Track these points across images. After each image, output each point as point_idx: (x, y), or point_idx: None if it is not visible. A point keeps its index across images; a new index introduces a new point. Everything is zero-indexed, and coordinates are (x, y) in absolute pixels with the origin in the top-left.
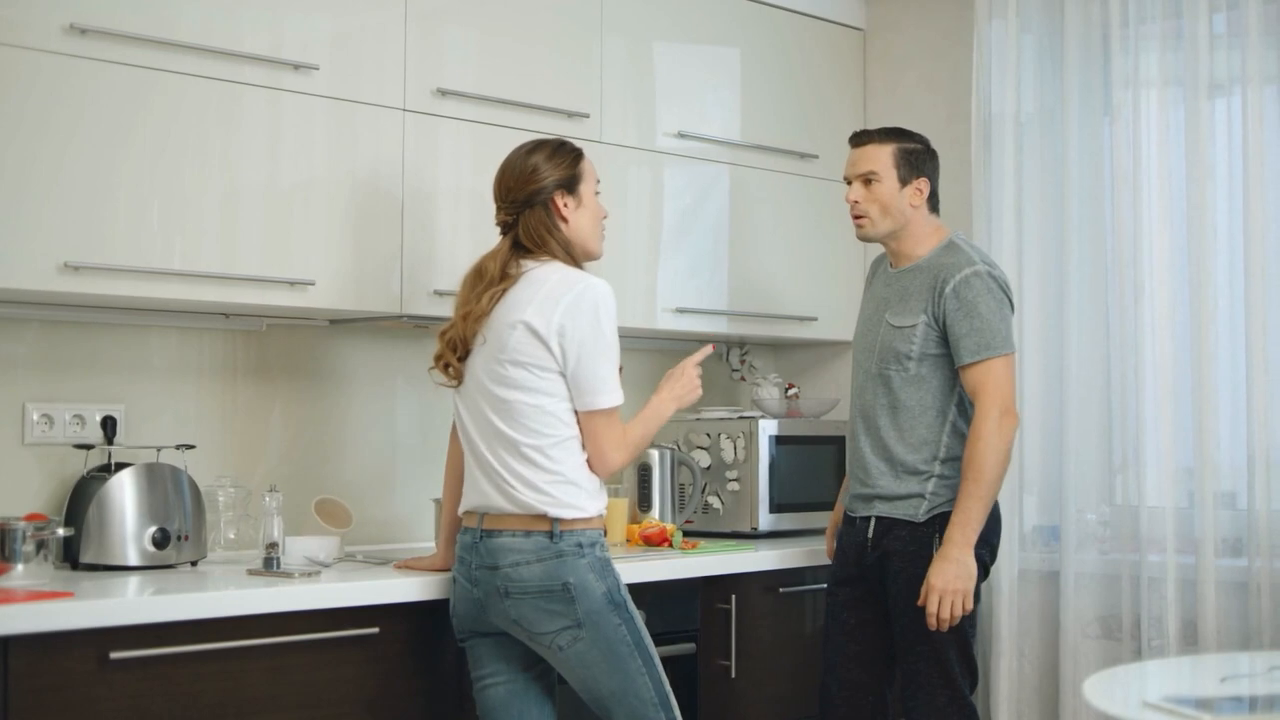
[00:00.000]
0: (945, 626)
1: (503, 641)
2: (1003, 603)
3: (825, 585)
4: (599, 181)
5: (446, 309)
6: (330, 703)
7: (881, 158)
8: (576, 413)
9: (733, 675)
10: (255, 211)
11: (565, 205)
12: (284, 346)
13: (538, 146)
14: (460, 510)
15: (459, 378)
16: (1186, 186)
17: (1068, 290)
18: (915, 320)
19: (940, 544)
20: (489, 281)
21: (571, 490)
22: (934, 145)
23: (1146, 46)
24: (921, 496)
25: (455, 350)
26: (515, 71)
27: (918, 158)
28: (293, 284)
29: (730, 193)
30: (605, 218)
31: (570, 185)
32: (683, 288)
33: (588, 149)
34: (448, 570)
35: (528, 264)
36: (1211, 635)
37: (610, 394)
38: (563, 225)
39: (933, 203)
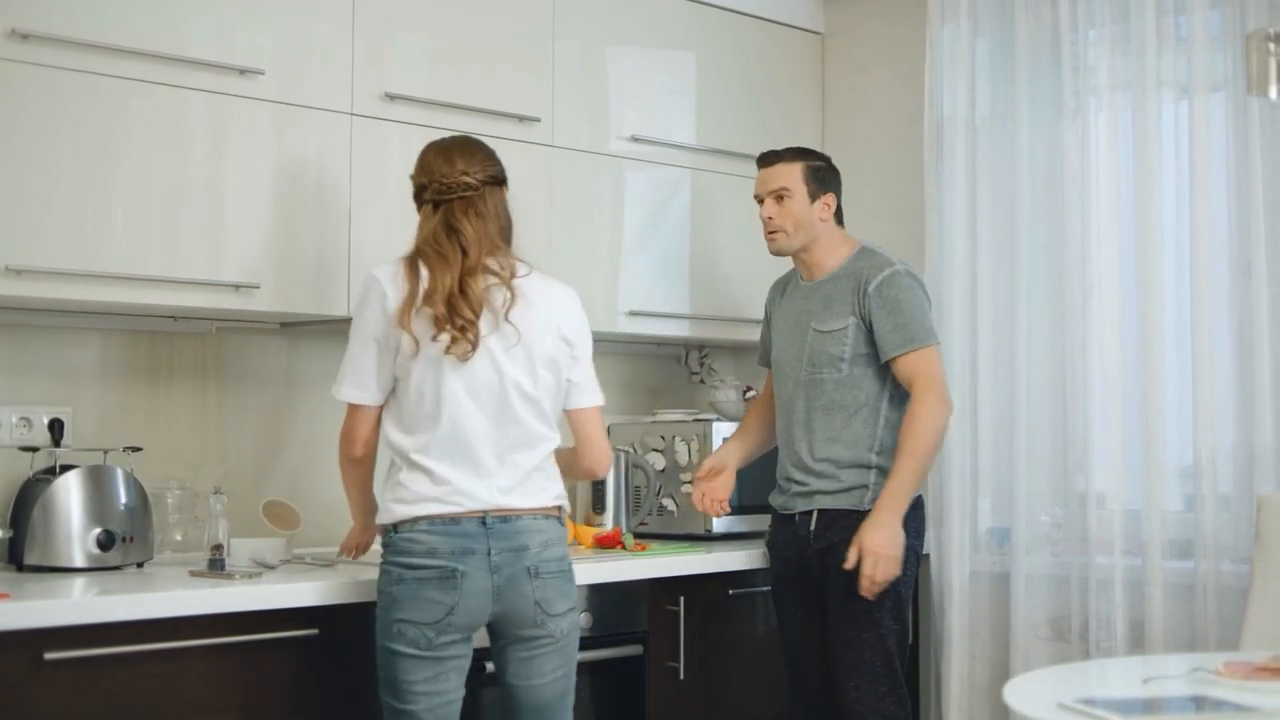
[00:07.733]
0: (875, 591)
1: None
2: (954, 605)
3: (768, 589)
4: None
5: None
6: (268, 704)
7: (791, 175)
8: (569, 412)
9: (681, 677)
10: (200, 215)
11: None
12: (234, 350)
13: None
14: (436, 511)
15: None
16: (1134, 190)
17: (1019, 292)
18: (845, 323)
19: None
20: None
21: (559, 481)
22: (891, 148)
23: (1096, 51)
24: (865, 487)
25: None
26: (465, 76)
27: (824, 174)
28: (238, 287)
29: (690, 197)
30: None
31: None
32: (644, 291)
33: (539, 153)
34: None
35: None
36: (1159, 637)
37: (598, 390)
38: None
39: (838, 217)
